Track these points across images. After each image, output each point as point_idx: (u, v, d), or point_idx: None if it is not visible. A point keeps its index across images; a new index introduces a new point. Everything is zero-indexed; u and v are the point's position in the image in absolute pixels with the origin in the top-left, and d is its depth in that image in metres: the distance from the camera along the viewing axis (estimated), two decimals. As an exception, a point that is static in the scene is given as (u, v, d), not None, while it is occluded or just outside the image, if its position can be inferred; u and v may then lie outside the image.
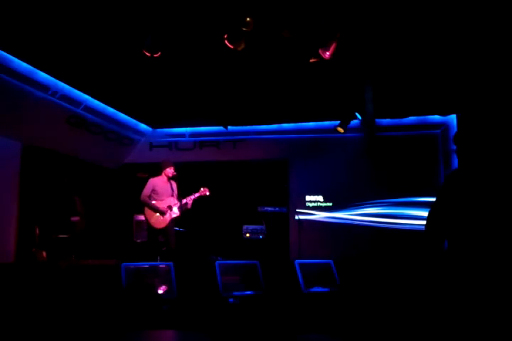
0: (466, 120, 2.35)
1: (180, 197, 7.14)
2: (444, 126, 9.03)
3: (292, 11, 5.51)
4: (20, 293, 5.15)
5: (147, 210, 7.11)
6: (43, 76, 7.33)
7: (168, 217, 7.05)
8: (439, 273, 2.18)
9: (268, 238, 8.93)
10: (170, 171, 7.15)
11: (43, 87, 7.46)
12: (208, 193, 7.30)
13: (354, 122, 8.96)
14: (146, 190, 7.14)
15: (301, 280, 6.23)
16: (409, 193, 8.96)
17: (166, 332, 4.99)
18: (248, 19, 5.29)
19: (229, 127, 9.60)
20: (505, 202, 2.11)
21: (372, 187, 9.17)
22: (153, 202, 7.10)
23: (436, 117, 9.04)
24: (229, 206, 9.64)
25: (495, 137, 2.29)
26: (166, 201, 7.10)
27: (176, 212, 7.08)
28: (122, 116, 9.39)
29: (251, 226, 9.03)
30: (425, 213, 9.44)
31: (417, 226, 8.74)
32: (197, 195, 7.25)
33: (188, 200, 7.18)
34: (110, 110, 9.00)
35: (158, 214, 7.04)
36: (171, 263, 5.95)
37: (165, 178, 7.19)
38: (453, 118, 8.87)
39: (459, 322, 2.08)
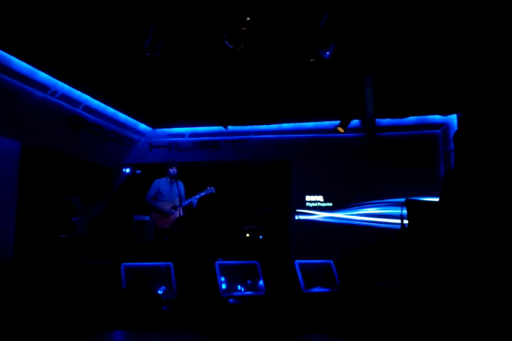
0: (467, 120, 2.35)
1: (185, 197, 7.14)
2: (445, 126, 9.02)
3: (292, 11, 5.51)
4: (20, 293, 5.14)
5: (152, 211, 7.14)
6: (43, 76, 7.32)
7: (172, 218, 7.06)
8: (440, 272, 2.18)
9: (268, 238, 8.91)
10: (172, 171, 7.17)
11: (43, 87, 7.45)
12: (214, 191, 7.28)
13: (354, 122, 8.96)
14: (151, 191, 7.17)
15: (301, 280, 6.23)
16: (409, 193, 8.95)
17: (166, 333, 4.99)
18: (248, 19, 5.29)
19: (229, 127, 9.60)
20: (504, 201, 2.11)
21: (372, 187, 9.16)
22: (158, 202, 7.11)
23: (437, 117, 9.03)
24: (229, 206, 9.63)
25: (495, 137, 2.28)
26: (170, 201, 7.11)
27: (180, 212, 7.06)
28: (122, 116, 9.38)
29: (251, 227, 9.02)
30: (425, 213, 9.23)
31: (417, 227, 8.72)
32: (203, 193, 7.23)
33: (193, 200, 7.16)
34: (110, 110, 9.00)
35: (162, 214, 7.06)
36: (171, 263, 5.95)
37: (169, 179, 7.21)
38: (453, 118, 8.86)
39: (459, 322, 2.07)
